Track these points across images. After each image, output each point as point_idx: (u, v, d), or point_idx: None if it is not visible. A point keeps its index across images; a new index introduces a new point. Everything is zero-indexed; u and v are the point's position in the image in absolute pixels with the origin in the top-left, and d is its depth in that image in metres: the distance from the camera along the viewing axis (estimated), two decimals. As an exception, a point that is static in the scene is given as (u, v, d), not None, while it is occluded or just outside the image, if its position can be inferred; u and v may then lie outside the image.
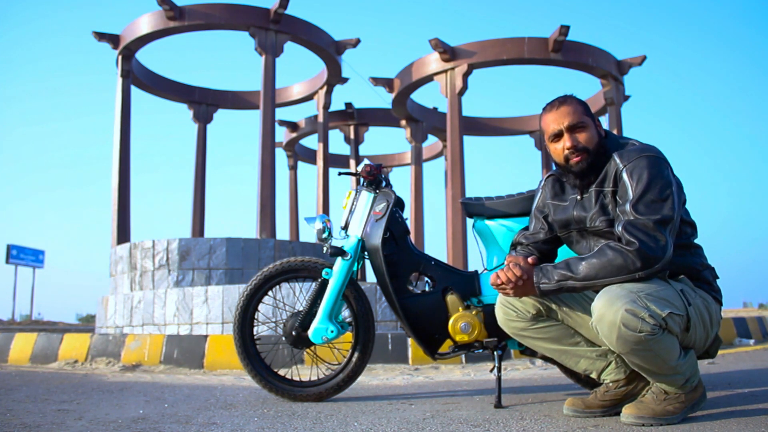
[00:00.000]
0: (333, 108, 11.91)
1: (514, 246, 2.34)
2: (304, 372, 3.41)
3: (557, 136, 2.08)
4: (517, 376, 3.72)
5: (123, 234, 9.54)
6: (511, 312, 2.13)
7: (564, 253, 2.32)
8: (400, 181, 20.13)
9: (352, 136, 13.14)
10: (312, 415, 2.33)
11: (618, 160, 1.99)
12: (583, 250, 2.14)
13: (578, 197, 2.11)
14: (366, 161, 2.76)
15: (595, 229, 2.05)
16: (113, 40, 9.95)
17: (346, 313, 2.99)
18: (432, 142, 14.33)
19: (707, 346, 2.06)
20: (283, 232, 13.90)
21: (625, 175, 1.96)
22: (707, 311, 1.98)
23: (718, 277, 2.11)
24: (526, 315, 2.11)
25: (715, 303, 2.04)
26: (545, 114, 2.12)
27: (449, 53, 9.90)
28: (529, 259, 2.04)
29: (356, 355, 2.74)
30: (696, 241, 2.11)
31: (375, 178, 2.73)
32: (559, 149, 2.08)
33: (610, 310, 1.81)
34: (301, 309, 2.74)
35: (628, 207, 1.91)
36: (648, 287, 1.85)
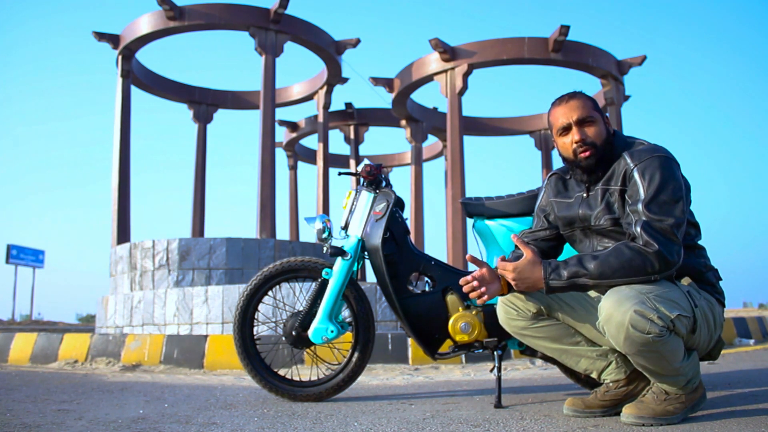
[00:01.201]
0: (333, 108, 11.92)
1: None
2: (304, 372, 3.41)
3: (566, 129, 2.07)
4: (517, 376, 3.72)
5: (123, 234, 9.54)
6: (512, 311, 2.13)
7: (567, 252, 2.32)
8: (400, 181, 20.15)
9: (352, 136, 13.15)
10: (312, 415, 2.32)
11: (629, 159, 1.98)
12: (586, 249, 2.14)
13: (584, 195, 2.11)
14: (366, 161, 2.76)
15: (599, 227, 2.05)
16: (113, 40, 9.96)
17: (346, 313, 2.99)
18: (432, 142, 14.34)
19: (710, 348, 2.05)
20: (283, 232, 13.93)
21: (636, 175, 1.94)
22: (711, 313, 1.98)
23: (721, 279, 2.10)
24: (527, 314, 2.11)
25: (718, 305, 2.03)
26: (554, 108, 2.12)
27: (449, 53, 9.91)
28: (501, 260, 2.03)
29: (356, 355, 2.73)
30: (699, 242, 2.11)
31: (375, 178, 2.73)
32: (567, 143, 2.07)
33: (618, 311, 1.80)
34: (301, 309, 2.73)
35: (640, 207, 1.90)
36: (656, 288, 1.84)
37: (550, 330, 2.12)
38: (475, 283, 2.02)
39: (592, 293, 2.11)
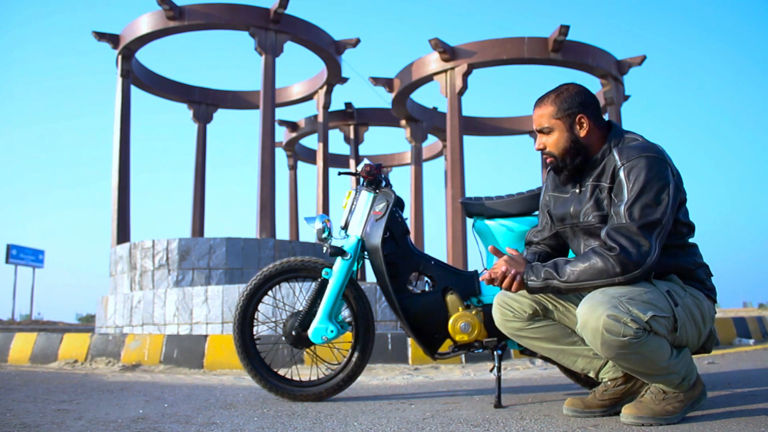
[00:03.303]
0: (333, 108, 11.91)
1: (527, 245, 2.36)
2: (304, 372, 3.41)
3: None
4: (517, 376, 3.73)
5: (123, 234, 9.54)
6: (507, 312, 2.14)
7: None
8: (400, 181, 20.16)
9: (352, 136, 13.14)
10: (312, 415, 2.33)
11: (617, 157, 1.99)
12: (574, 247, 2.16)
13: (576, 191, 2.12)
14: (366, 161, 2.76)
15: (587, 224, 2.05)
16: (113, 40, 9.95)
17: (346, 313, 2.99)
18: (432, 142, 14.33)
19: (702, 342, 2.06)
20: (283, 232, 13.91)
21: (622, 174, 1.95)
22: (698, 309, 1.98)
23: (711, 275, 2.10)
24: (523, 315, 2.11)
25: (708, 300, 2.03)
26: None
27: (449, 53, 9.90)
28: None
29: (356, 354, 2.74)
30: (692, 240, 2.11)
31: (375, 177, 2.73)
32: None
33: (592, 317, 1.82)
34: (301, 309, 2.74)
35: (622, 209, 1.90)
36: (631, 291, 1.85)
37: (546, 331, 2.12)
38: (503, 268, 2.00)
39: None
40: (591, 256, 1.90)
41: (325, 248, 2.65)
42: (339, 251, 2.63)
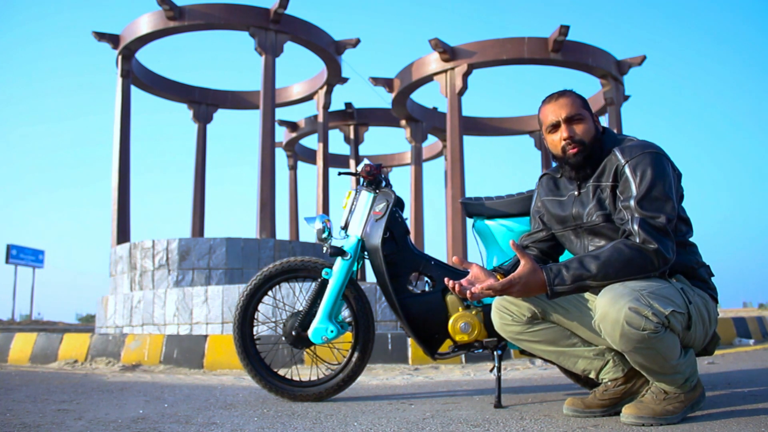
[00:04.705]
0: (333, 108, 11.92)
1: None
2: (304, 372, 3.41)
3: (555, 127, 2.11)
4: (517, 376, 3.73)
5: (123, 234, 9.54)
6: (506, 316, 2.13)
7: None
8: (400, 181, 20.15)
9: (352, 136, 13.14)
10: (312, 415, 2.33)
11: (619, 155, 2.01)
12: (577, 249, 2.14)
13: (576, 193, 2.12)
14: (366, 161, 2.76)
15: (591, 224, 2.06)
16: (113, 40, 9.95)
17: (346, 313, 2.99)
18: (432, 142, 14.34)
19: (706, 343, 2.06)
20: (283, 232, 13.91)
21: (627, 170, 1.97)
22: (706, 309, 1.99)
23: (713, 275, 2.12)
24: (522, 318, 2.11)
25: (712, 300, 2.05)
26: (544, 105, 2.15)
27: (449, 53, 9.90)
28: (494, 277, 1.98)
29: (356, 355, 2.74)
30: (692, 239, 2.12)
31: (375, 178, 2.73)
32: (557, 140, 2.10)
33: (613, 309, 1.81)
34: (301, 309, 2.74)
35: (632, 203, 1.92)
36: (650, 285, 1.85)
37: (545, 333, 2.12)
38: (464, 282, 1.97)
39: (586, 294, 2.12)
40: (625, 251, 1.87)
41: (325, 248, 2.65)
42: (339, 251, 2.63)
